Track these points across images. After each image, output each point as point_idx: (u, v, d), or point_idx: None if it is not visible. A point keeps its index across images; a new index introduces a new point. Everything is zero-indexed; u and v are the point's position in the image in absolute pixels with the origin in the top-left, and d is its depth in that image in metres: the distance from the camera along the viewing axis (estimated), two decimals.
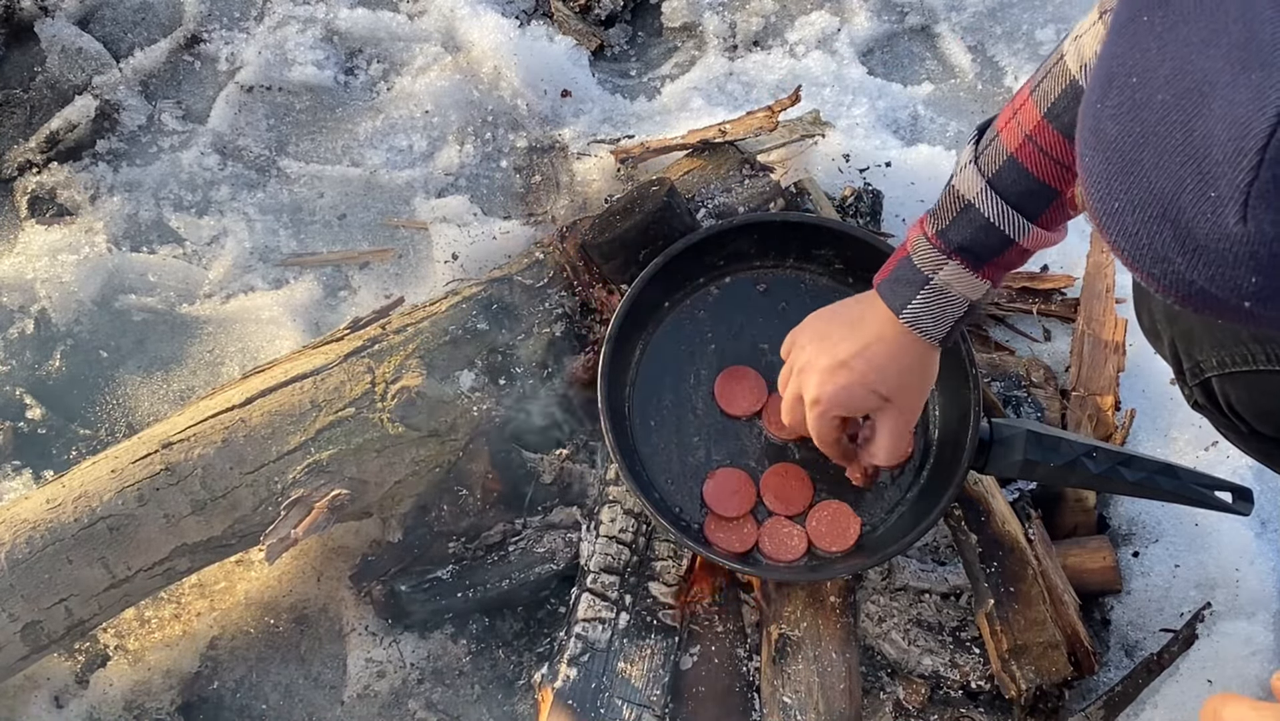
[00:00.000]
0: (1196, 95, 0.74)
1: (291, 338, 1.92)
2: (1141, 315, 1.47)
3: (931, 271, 1.36)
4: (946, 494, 1.56)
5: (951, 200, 1.34)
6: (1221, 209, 0.74)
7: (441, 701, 1.69)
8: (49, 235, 2.03)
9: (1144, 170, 0.77)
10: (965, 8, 2.35)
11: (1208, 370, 1.38)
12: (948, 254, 1.35)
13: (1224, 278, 0.76)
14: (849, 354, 1.43)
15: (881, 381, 1.44)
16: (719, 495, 1.63)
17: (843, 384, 1.44)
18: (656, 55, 2.33)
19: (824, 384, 1.45)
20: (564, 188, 2.04)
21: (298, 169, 2.12)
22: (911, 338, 1.40)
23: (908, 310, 1.39)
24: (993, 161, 1.31)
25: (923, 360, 1.45)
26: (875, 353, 1.42)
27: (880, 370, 1.43)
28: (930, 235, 1.36)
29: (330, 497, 1.58)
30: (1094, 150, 0.81)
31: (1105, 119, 0.80)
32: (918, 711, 1.64)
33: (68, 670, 1.71)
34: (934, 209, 1.37)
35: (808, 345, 1.49)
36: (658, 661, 1.60)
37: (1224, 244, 0.74)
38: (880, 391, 1.44)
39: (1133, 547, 1.78)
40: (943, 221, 1.35)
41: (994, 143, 1.32)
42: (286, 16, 2.25)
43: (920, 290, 1.37)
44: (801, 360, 1.49)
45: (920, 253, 1.37)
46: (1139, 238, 0.79)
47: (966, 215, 1.33)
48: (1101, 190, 0.81)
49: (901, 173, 2.05)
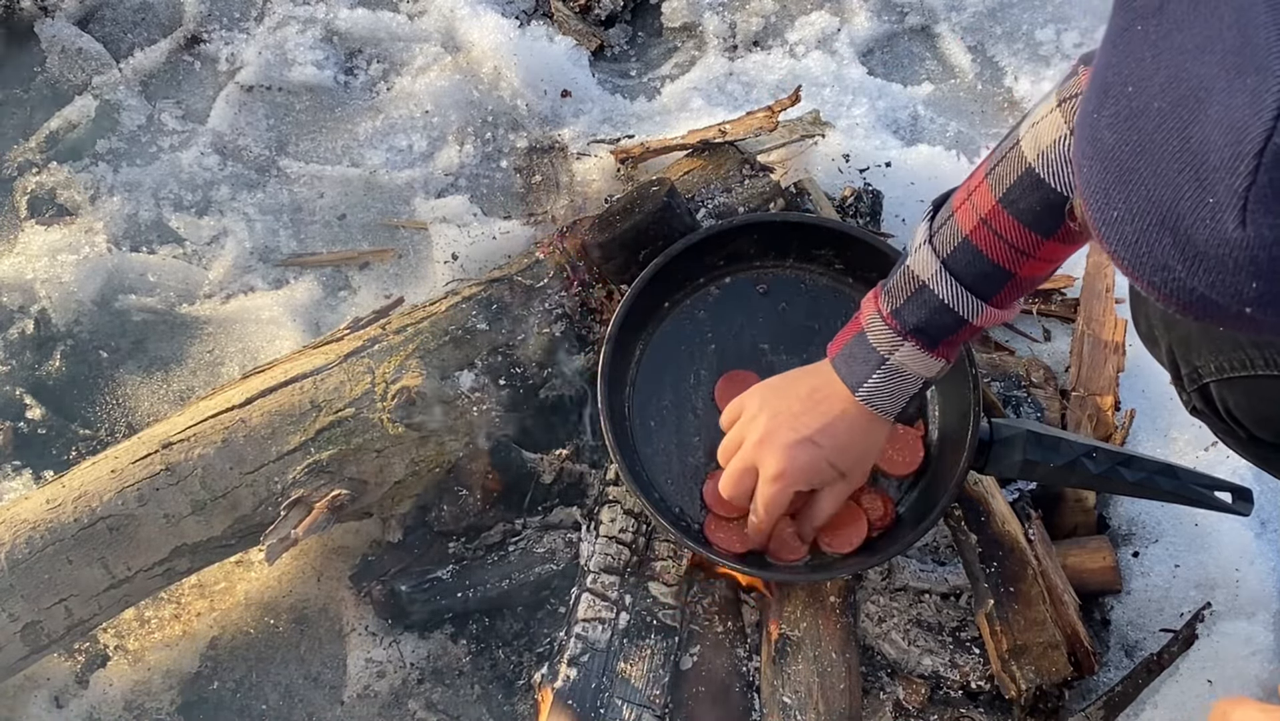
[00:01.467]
0: (1192, 102, 0.74)
1: (291, 338, 1.92)
2: (1139, 321, 1.47)
3: (887, 352, 1.37)
4: (946, 494, 1.56)
5: (906, 280, 1.35)
6: (1220, 215, 0.73)
7: (441, 701, 1.69)
8: (49, 235, 2.03)
9: (1142, 178, 0.77)
10: (965, 8, 2.35)
11: (1205, 376, 1.38)
12: (903, 335, 1.35)
13: (1224, 284, 0.76)
14: (813, 430, 1.43)
15: (842, 458, 1.45)
16: (718, 496, 1.63)
17: (808, 459, 1.44)
18: (656, 55, 2.33)
19: (792, 459, 1.44)
20: (564, 188, 2.04)
21: (298, 169, 2.12)
22: (869, 414, 1.41)
23: (863, 389, 1.39)
24: (947, 243, 1.31)
25: (877, 434, 1.46)
26: (838, 430, 1.43)
27: (843, 447, 1.44)
28: (885, 314, 1.36)
29: (330, 497, 1.58)
30: (1091, 160, 0.81)
31: (1102, 128, 0.80)
32: (918, 711, 1.64)
33: (68, 670, 1.72)
34: (888, 285, 1.37)
35: (761, 416, 1.47)
36: (658, 661, 1.60)
37: (1223, 250, 0.74)
38: (840, 467, 1.46)
39: (1133, 547, 1.78)
40: (897, 300, 1.35)
41: (949, 223, 1.31)
42: (286, 16, 2.25)
43: (876, 370, 1.38)
44: (757, 432, 1.46)
45: (875, 331, 1.37)
46: (1138, 246, 0.79)
47: (921, 296, 1.33)
48: (1100, 200, 0.81)
49: (901, 173, 2.05)
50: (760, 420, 1.47)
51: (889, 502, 1.62)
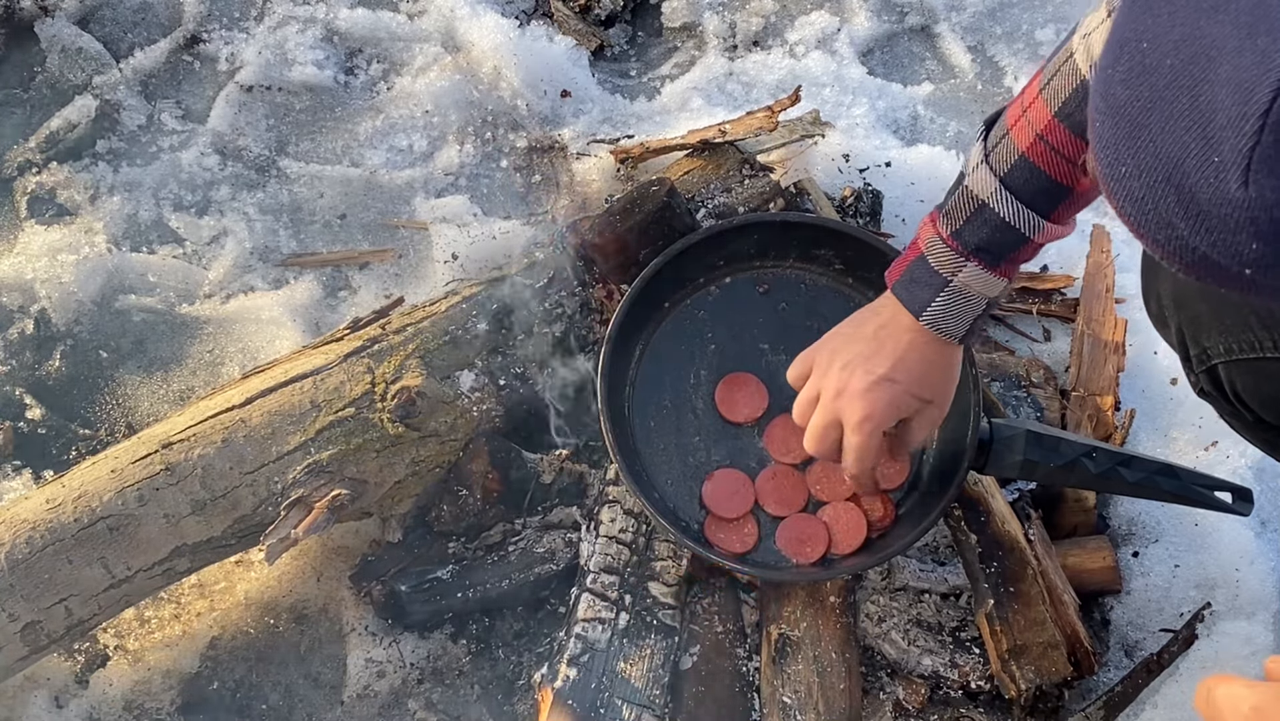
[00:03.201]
0: (1204, 60, 0.74)
1: (291, 338, 1.92)
2: (1149, 302, 1.47)
3: (950, 274, 1.36)
4: (946, 494, 1.56)
5: (965, 200, 1.34)
6: (1224, 174, 0.74)
7: (441, 701, 1.69)
8: (49, 235, 2.03)
9: (1150, 134, 0.77)
10: (965, 8, 2.35)
11: (1214, 357, 1.38)
12: (965, 255, 1.35)
13: (1225, 243, 0.76)
14: (886, 368, 1.42)
15: (923, 387, 1.44)
16: (718, 496, 1.63)
17: (891, 397, 1.43)
18: (656, 55, 2.33)
19: (873, 401, 1.43)
20: (564, 188, 2.04)
21: (298, 169, 2.12)
22: (936, 339, 1.41)
23: (928, 313, 1.39)
24: (1004, 161, 1.31)
25: (951, 358, 1.45)
26: (911, 362, 1.42)
27: (920, 377, 1.43)
28: (945, 236, 1.36)
29: (330, 498, 1.58)
30: (1104, 115, 0.82)
31: (1115, 83, 0.80)
32: (918, 711, 1.64)
33: (68, 670, 1.71)
34: (945, 208, 1.36)
35: (833, 367, 1.46)
36: (658, 661, 1.60)
37: (1226, 209, 0.74)
38: (924, 396, 1.45)
39: (1133, 547, 1.78)
40: (956, 222, 1.35)
41: (1004, 141, 1.31)
42: (286, 16, 2.25)
43: (939, 293, 1.37)
44: (832, 385, 1.46)
45: (936, 253, 1.37)
46: (1144, 202, 0.79)
47: (981, 215, 1.33)
48: (1110, 155, 0.81)
49: (901, 173, 2.05)
50: (833, 372, 1.46)
51: (889, 503, 1.62)
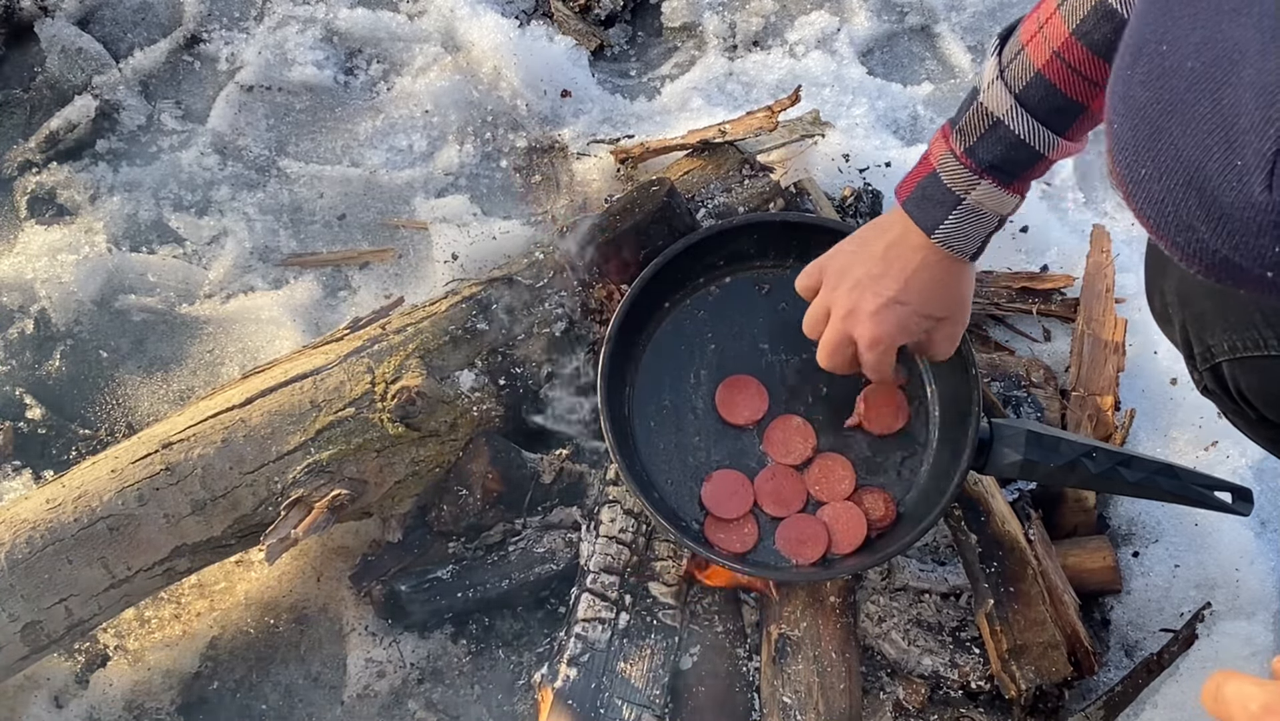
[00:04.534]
0: (1226, 63, 0.74)
1: (291, 338, 1.92)
2: (1153, 299, 1.46)
3: (964, 192, 1.35)
4: (946, 494, 1.56)
5: (979, 116, 1.33)
6: (1247, 177, 0.73)
7: (441, 701, 1.69)
8: (49, 235, 2.03)
9: (1171, 137, 0.77)
10: (965, 8, 2.35)
11: (1218, 355, 1.38)
12: (979, 173, 1.34)
13: (1247, 246, 0.76)
14: (895, 289, 1.42)
15: (935, 306, 1.44)
16: (717, 497, 1.63)
17: (899, 319, 1.43)
18: (656, 55, 2.33)
19: (881, 323, 1.43)
20: (564, 188, 2.04)
21: (298, 169, 2.12)
22: (947, 256, 1.40)
23: (940, 230, 1.38)
24: (1020, 77, 1.30)
25: (963, 275, 1.45)
26: (921, 281, 1.42)
27: (930, 296, 1.43)
28: (959, 153, 1.34)
29: (330, 498, 1.58)
30: (1122, 117, 0.81)
31: (1134, 85, 0.80)
32: (918, 711, 1.64)
33: (68, 670, 1.71)
34: (958, 124, 1.35)
35: (841, 287, 1.46)
36: (658, 661, 1.60)
37: (1248, 212, 0.74)
38: (935, 315, 1.45)
39: (1133, 547, 1.78)
40: (970, 138, 1.34)
41: (1020, 57, 1.30)
42: (286, 16, 2.25)
43: (952, 210, 1.36)
44: (844, 303, 1.46)
45: (949, 171, 1.36)
46: (1164, 205, 0.79)
47: (995, 132, 1.32)
48: (1129, 157, 0.81)
49: (901, 173, 2.02)
50: (841, 291, 1.46)
51: (890, 502, 1.62)
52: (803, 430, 1.66)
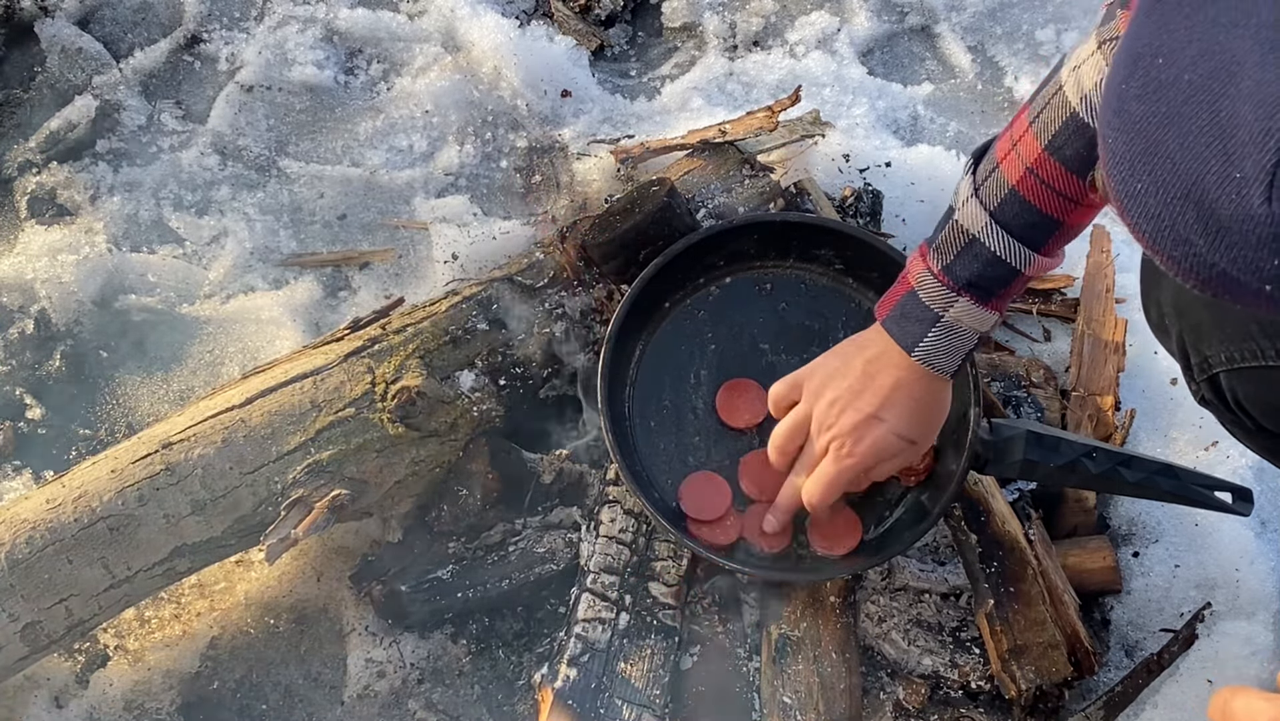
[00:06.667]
0: (1224, 75, 0.74)
1: (291, 338, 1.92)
2: (1149, 310, 1.46)
3: (941, 309, 1.36)
4: (946, 494, 1.56)
5: (955, 235, 1.34)
6: (1246, 190, 0.73)
7: (441, 701, 1.69)
8: (49, 235, 2.03)
9: (1168, 151, 0.76)
10: (965, 8, 2.35)
11: (1215, 365, 1.38)
12: (957, 290, 1.35)
13: (1246, 260, 0.75)
14: (875, 406, 1.42)
15: (910, 427, 1.44)
16: (695, 499, 1.62)
17: (876, 437, 1.44)
18: (656, 55, 2.33)
19: (858, 441, 1.44)
20: (564, 188, 2.04)
21: (298, 169, 2.12)
22: (926, 375, 1.41)
23: (919, 348, 1.38)
24: (994, 195, 1.31)
25: (939, 395, 1.46)
26: (899, 400, 1.42)
27: (908, 417, 1.43)
28: (936, 271, 1.36)
29: (330, 498, 1.58)
30: (1117, 131, 0.81)
31: (1130, 99, 0.79)
32: (918, 711, 1.64)
33: (68, 670, 1.71)
34: (935, 242, 1.37)
35: (820, 401, 1.47)
36: (658, 661, 1.60)
37: (1247, 225, 0.74)
38: (907, 436, 1.45)
39: (1133, 547, 1.78)
40: (947, 256, 1.35)
41: (994, 174, 1.31)
42: (286, 16, 2.25)
43: (931, 328, 1.37)
44: (823, 418, 1.46)
45: (927, 289, 1.37)
46: (1161, 219, 0.78)
47: (971, 250, 1.33)
48: (1124, 171, 0.80)
49: (901, 173, 2.05)
50: (821, 406, 1.46)
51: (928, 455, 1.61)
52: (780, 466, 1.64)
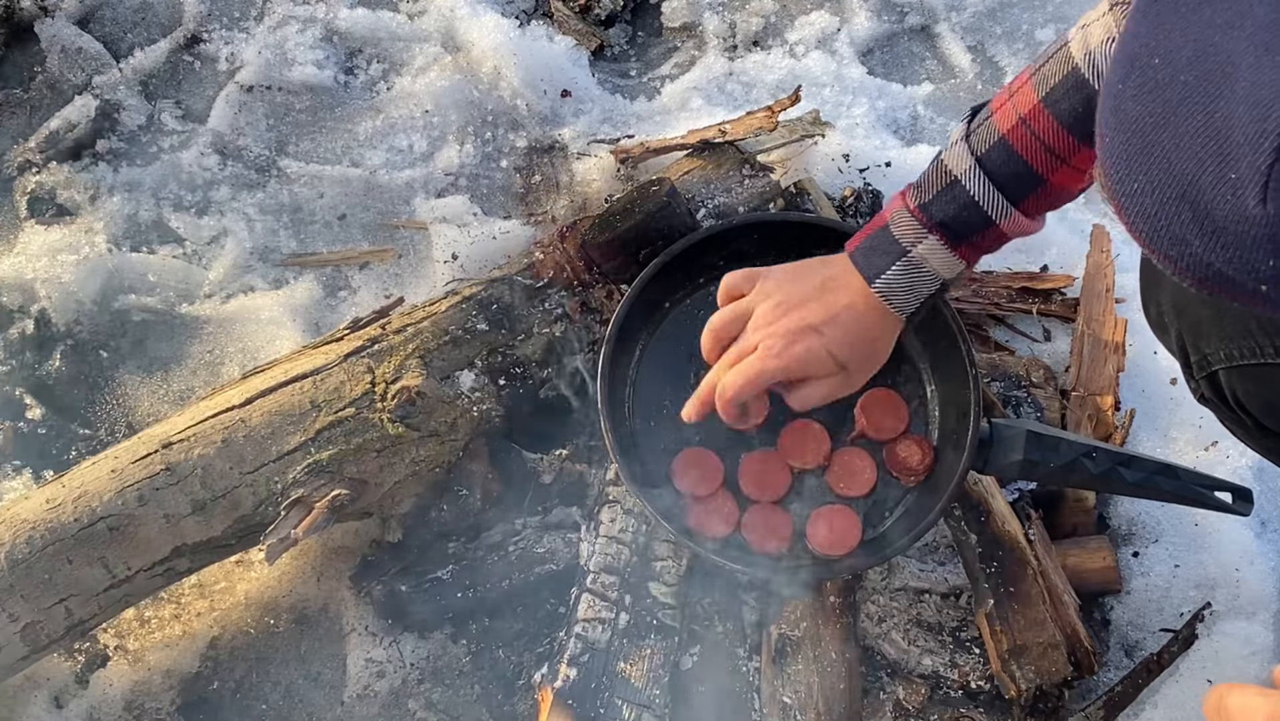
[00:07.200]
0: (1219, 76, 0.74)
1: (291, 338, 1.92)
2: (1148, 308, 1.47)
3: (910, 244, 1.37)
4: (946, 494, 1.56)
5: (938, 175, 1.35)
6: (1241, 191, 0.73)
7: (441, 701, 1.69)
8: (49, 235, 2.03)
9: (1164, 151, 0.77)
10: (965, 8, 2.35)
11: (1215, 363, 1.38)
12: (928, 227, 1.36)
13: (1241, 260, 0.76)
14: (819, 319, 1.42)
15: (844, 350, 1.43)
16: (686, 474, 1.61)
17: (809, 346, 1.42)
18: (656, 55, 2.33)
19: (790, 345, 1.42)
20: (564, 188, 2.04)
21: (298, 169, 2.12)
22: (880, 309, 1.40)
23: (881, 280, 1.39)
24: (983, 140, 1.32)
25: (886, 333, 1.45)
26: (844, 320, 1.42)
27: (848, 341, 1.42)
28: (912, 207, 1.37)
29: (330, 498, 1.58)
30: (1114, 131, 0.81)
31: (1126, 99, 0.80)
32: (918, 711, 1.64)
33: (68, 670, 1.72)
34: (918, 182, 1.38)
35: (766, 302, 1.45)
36: (658, 661, 1.60)
37: (1243, 226, 0.74)
38: (840, 358, 1.44)
39: (1133, 547, 1.78)
40: (926, 195, 1.36)
41: (987, 122, 1.33)
42: (286, 16, 2.25)
43: (896, 261, 1.38)
44: (760, 316, 1.45)
45: (900, 224, 1.38)
46: (1157, 219, 0.79)
47: (951, 191, 1.34)
48: (1121, 171, 0.81)
49: (901, 173, 2.05)
50: (766, 305, 1.45)
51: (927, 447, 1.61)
52: (818, 436, 1.64)
